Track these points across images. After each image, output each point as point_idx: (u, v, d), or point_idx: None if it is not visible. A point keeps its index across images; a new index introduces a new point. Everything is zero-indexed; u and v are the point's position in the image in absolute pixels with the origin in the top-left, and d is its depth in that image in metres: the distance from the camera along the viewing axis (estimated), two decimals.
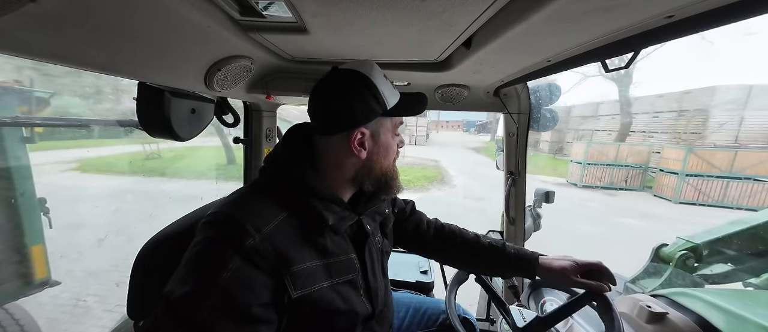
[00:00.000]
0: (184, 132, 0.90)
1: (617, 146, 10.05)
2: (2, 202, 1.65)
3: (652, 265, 2.47)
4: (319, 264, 0.56)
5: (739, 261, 2.27)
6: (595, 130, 15.17)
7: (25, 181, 1.72)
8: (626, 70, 16.06)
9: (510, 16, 0.54)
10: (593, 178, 9.81)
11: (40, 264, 1.80)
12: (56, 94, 5.02)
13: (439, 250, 0.93)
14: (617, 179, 9.62)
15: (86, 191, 5.56)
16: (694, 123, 10.59)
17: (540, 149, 18.55)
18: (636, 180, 9.54)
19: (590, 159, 9.85)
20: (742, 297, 1.16)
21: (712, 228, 2.41)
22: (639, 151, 9.78)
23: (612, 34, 0.59)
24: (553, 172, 11.82)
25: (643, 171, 9.49)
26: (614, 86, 14.61)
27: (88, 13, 0.48)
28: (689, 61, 50.62)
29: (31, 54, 0.51)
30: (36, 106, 2.04)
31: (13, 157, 1.67)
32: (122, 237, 3.82)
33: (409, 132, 22.51)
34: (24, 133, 1.73)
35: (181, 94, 0.86)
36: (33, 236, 1.76)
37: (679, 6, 0.46)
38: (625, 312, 1.02)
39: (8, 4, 0.38)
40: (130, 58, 0.64)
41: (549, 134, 17.39)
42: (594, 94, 27.24)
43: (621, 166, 9.60)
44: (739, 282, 2.24)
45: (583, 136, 15.51)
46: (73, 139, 7.94)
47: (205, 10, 0.57)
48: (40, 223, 1.80)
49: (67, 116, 3.99)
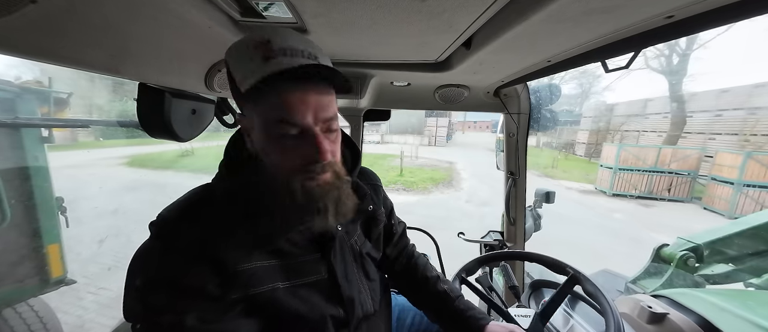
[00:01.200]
0: (184, 132, 0.90)
1: (658, 149, 8.69)
2: (19, 202, 1.67)
3: (653, 265, 2.47)
4: (274, 264, 0.54)
5: (740, 261, 2.26)
6: (643, 130, 13.13)
7: (43, 181, 1.74)
8: (679, 59, 13.39)
9: (510, 17, 0.54)
10: (627, 186, 8.53)
11: (57, 262, 1.82)
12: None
13: (398, 279, 0.84)
14: (658, 188, 8.29)
15: (131, 182, 6.81)
16: (765, 123, 8.62)
17: (575, 152, 16.93)
18: (682, 189, 8.17)
19: (623, 163, 8.59)
20: (743, 298, 1.16)
21: (713, 228, 2.41)
22: (686, 155, 8.37)
23: (612, 34, 0.59)
24: (583, 178, 10.62)
25: (692, 179, 8.13)
26: (663, 80, 13.66)
27: (88, 15, 0.48)
28: (763, 48, 39.18)
29: (33, 55, 0.51)
30: (55, 107, 2.05)
31: (31, 156, 1.69)
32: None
33: (429, 133, 22.01)
34: (42, 133, 1.75)
35: (182, 94, 0.86)
36: (50, 235, 1.78)
37: (679, 6, 0.46)
38: (626, 313, 1.02)
39: (9, 5, 0.38)
40: (131, 58, 0.64)
41: (586, 135, 15.87)
42: (641, 90, 23.80)
43: (663, 172, 8.26)
44: (741, 282, 2.24)
45: (624, 138, 13.55)
46: (128, 138, 9.16)
47: (205, 11, 0.57)
48: (57, 223, 1.82)
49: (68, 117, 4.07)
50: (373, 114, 1.58)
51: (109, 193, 5.96)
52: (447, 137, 24.01)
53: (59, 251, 1.84)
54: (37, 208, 1.73)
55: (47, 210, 1.77)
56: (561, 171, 12.51)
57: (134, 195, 6.12)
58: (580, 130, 17.53)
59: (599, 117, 16.71)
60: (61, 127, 2.33)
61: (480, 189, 8.46)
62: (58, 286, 1.87)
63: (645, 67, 15.16)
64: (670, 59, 14.41)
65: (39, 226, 1.74)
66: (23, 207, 1.69)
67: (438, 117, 22.47)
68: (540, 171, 12.62)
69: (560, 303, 0.80)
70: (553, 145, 20.11)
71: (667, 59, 14.44)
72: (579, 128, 17.90)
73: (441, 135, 22.56)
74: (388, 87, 1.28)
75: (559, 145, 19.07)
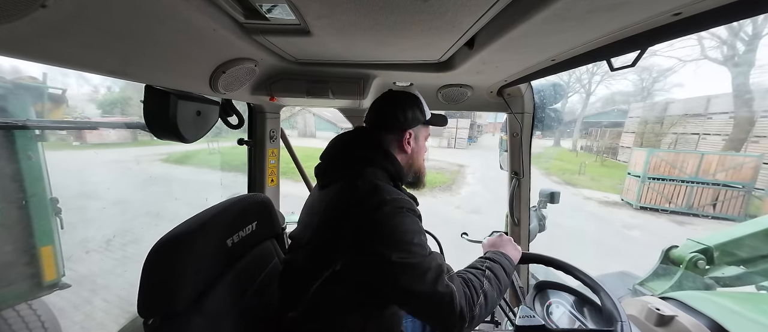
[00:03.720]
0: (189, 133, 0.91)
1: (700, 156, 7.01)
2: (12, 203, 1.62)
3: (662, 267, 2.42)
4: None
5: (752, 263, 2.21)
6: (704, 133, 10.59)
7: (36, 181, 1.68)
8: (746, 46, 10.99)
9: (513, 16, 0.54)
10: (659, 198, 7.07)
11: (51, 265, 1.76)
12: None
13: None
14: (700, 201, 6.74)
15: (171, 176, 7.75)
16: None
17: (617, 157, 14.57)
18: (733, 205, 6.54)
19: (654, 171, 7.16)
20: (756, 301, 1.13)
21: (724, 230, 2.36)
22: (738, 163, 6.62)
23: (618, 32, 0.58)
24: (613, 187, 9.05)
25: (746, 192, 6.47)
26: (726, 72, 10.81)
27: (96, 19, 0.49)
28: None
29: (42, 58, 0.52)
30: (50, 103, 1.99)
31: (24, 156, 1.63)
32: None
33: (448, 134, 20.39)
34: (36, 131, 1.69)
35: (187, 96, 0.87)
36: (43, 237, 1.72)
37: (687, 3, 0.45)
38: (634, 315, 1.00)
39: (18, 10, 0.39)
40: (138, 61, 0.65)
41: (631, 138, 13.31)
42: (699, 86, 19.17)
43: (706, 184, 6.70)
44: (753, 285, 2.18)
45: (679, 142, 11.37)
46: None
47: (210, 14, 0.58)
48: (50, 224, 1.76)
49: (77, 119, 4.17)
50: None
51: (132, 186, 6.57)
52: (469, 139, 21.96)
53: (53, 253, 1.76)
54: (30, 208, 1.66)
55: (40, 211, 1.70)
56: (589, 178, 10.92)
57: (152, 188, 6.72)
58: (625, 133, 14.68)
59: (647, 117, 14.14)
60: (71, 128, 2.34)
61: (480, 195, 7.81)
62: (51, 290, 1.79)
63: (701, 57, 12.73)
64: (732, 47, 11.48)
65: (31, 227, 1.67)
66: (14, 208, 1.62)
67: (459, 117, 20.59)
68: (561, 177, 11.12)
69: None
70: (593, 149, 17.32)
71: (730, 47, 11.55)
72: (624, 131, 14.94)
73: (461, 137, 20.85)
74: (390, 87, 1.28)
75: (598, 149, 16.57)
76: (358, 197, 0.64)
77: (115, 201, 5.24)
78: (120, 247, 3.83)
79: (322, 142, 1.41)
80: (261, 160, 1.43)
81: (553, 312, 0.96)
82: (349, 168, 0.72)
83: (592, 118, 23.19)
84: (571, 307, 0.95)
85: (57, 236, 1.80)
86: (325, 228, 0.65)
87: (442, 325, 0.61)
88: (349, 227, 0.61)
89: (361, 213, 0.61)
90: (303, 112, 21.33)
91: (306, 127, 21.89)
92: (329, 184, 0.72)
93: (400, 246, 0.60)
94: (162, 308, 0.60)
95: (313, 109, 20.00)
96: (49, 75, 2.13)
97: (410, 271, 0.59)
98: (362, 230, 0.60)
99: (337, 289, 0.63)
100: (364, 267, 0.60)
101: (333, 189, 0.69)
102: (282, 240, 1.05)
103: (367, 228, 0.60)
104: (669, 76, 19.89)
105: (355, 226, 0.61)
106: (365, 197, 0.63)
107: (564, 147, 22.15)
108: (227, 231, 0.76)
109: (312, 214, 0.71)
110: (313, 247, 0.66)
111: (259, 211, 0.89)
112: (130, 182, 6.62)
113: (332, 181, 0.71)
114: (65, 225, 1.85)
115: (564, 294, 1.01)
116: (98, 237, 3.94)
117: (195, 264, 0.64)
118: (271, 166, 1.47)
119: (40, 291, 1.75)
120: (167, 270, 0.61)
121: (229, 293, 0.72)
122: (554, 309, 0.97)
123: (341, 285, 0.63)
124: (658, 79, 20.05)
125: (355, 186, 0.66)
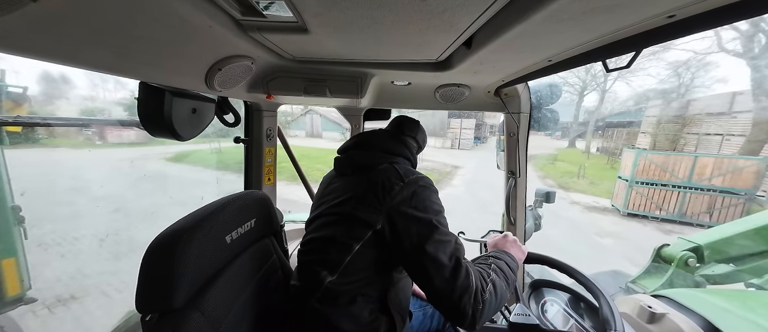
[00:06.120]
0: (185, 131, 0.90)
1: (693, 158, 6.47)
2: None
3: (654, 265, 2.47)
4: None
5: (741, 261, 2.26)
6: (728, 133, 9.64)
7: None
8: (766, 39, 9.68)
9: (511, 16, 0.54)
10: (648, 204, 6.63)
11: (13, 279, 1.59)
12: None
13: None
14: (693, 209, 6.25)
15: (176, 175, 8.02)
16: None
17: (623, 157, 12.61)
18: (732, 213, 6.01)
19: (643, 174, 6.72)
20: (744, 298, 1.16)
21: (714, 228, 2.40)
22: (738, 167, 6.06)
23: (613, 33, 0.58)
24: (608, 192, 8.47)
25: (746, 199, 5.93)
26: (743, 65, 9.81)
27: (88, 14, 0.48)
28: None
29: (33, 53, 0.51)
30: (9, 102, 1.80)
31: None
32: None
33: (452, 135, 19.45)
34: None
35: (182, 93, 0.86)
36: (4, 249, 1.55)
37: (681, 5, 0.46)
38: (626, 313, 1.02)
39: (9, 4, 0.38)
40: (132, 57, 0.64)
41: (648, 139, 12.33)
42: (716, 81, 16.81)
43: (701, 189, 6.18)
44: (742, 282, 2.23)
45: (700, 145, 10.39)
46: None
47: (206, 11, 0.57)
48: (13, 234, 1.58)
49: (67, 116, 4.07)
50: (374, 113, 1.58)
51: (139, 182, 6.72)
52: (476, 140, 20.68)
53: (16, 266, 1.60)
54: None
55: (1, 221, 1.54)
56: (588, 181, 10.44)
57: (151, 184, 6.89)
58: (641, 133, 13.44)
59: (663, 116, 12.98)
60: (64, 125, 2.26)
61: (461, 201, 7.31)
62: (15, 305, 1.63)
63: (719, 51, 11.51)
64: (752, 39, 10.26)
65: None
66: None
67: (463, 118, 19.53)
68: (557, 180, 10.78)
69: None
70: (609, 150, 16.09)
71: (749, 39, 10.34)
72: (640, 131, 13.67)
73: (466, 138, 19.69)
74: (388, 86, 1.27)
75: (611, 150, 15.57)
76: (399, 175, 0.78)
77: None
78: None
79: (328, 142, 1.38)
80: (258, 159, 1.42)
81: (547, 310, 0.97)
82: (389, 156, 0.86)
83: (614, 117, 21.90)
84: (566, 305, 0.96)
85: (21, 247, 1.62)
86: (372, 196, 0.75)
87: (452, 305, 0.65)
88: (392, 195, 0.73)
89: (404, 186, 0.75)
90: (310, 113, 21.15)
91: (313, 127, 21.76)
92: (366, 168, 0.83)
93: (436, 211, 0.73)
94: (160, 304, 0.60)
95: (319, 110, 19.72)
96: (6, 72, 1.91)
97: (438, 237, 0.69)
98: (404, 196, 0.73)
99: (371, 252, 0.73)
100: (402, 226, 0.70)
101: (374, 172, 0.81)
102: (280, 237, 1.05)
103: (408, 195, 0.73)
104: (711, 71, 17.16)
105: (398, 193, 0.73)
106: (406, 175, 0.78)
107: (579, 148, 21.37)
108: (227, 227, 0.75)
109: (346, 192, 0.81)
110: (355, 217, 0.75)
111: (258, 208, 0.89)
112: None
113: (372, 165, 0.83)
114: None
115: (559, 293, 1.03)
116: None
117: (194, 259, 0.63)
118: (267, 164, 1.46)
119: (1, 307, 1.60)
120: (166, 266, 0.60)
121: (228, 289, 0.72)
122: (549, 308, 0.98)
123: (375, 249, 0.73)
124: (697, 74, 17.26)
125: (394, 168, 0.80)
